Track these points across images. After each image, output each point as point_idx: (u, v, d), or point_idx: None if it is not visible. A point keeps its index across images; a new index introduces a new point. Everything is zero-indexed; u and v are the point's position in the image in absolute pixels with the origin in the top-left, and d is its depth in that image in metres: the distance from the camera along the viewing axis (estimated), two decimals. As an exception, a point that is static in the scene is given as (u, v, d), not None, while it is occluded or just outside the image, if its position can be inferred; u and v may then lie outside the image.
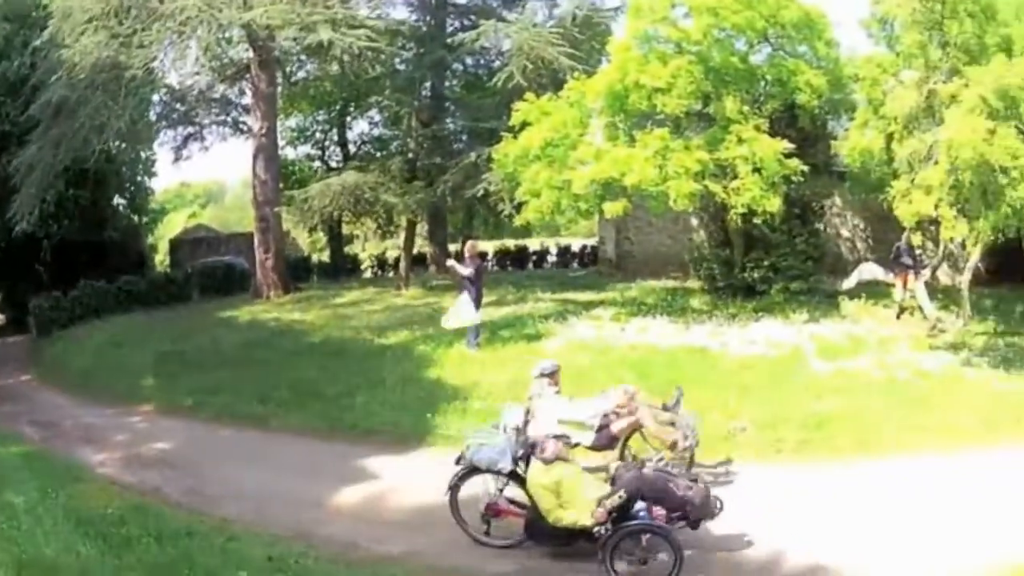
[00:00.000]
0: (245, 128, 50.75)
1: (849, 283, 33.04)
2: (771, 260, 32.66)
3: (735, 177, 28.30)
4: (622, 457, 16.12)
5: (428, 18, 45.23)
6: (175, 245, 66.29)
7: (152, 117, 50.61)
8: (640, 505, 13.25)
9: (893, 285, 31.36)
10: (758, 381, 23.41)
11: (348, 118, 56.04)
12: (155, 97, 49.13)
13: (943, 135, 23.00)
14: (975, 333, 28.85)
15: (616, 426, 16.41)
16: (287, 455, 20.34)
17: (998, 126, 21.93)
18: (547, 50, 37.34)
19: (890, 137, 27.01)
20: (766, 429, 20.10)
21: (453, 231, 54.18)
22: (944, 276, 35.56)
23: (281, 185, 45.90)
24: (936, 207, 23.71)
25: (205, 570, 12.91)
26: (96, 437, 23.52)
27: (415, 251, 50.14)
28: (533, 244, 60.39)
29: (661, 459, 14.71)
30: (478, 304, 27.62)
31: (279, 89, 46.47)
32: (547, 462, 13.87)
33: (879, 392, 22.54)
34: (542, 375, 17.30)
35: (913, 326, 29.61)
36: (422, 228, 51.42)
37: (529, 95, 31.39)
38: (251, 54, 43.19)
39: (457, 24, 44.44)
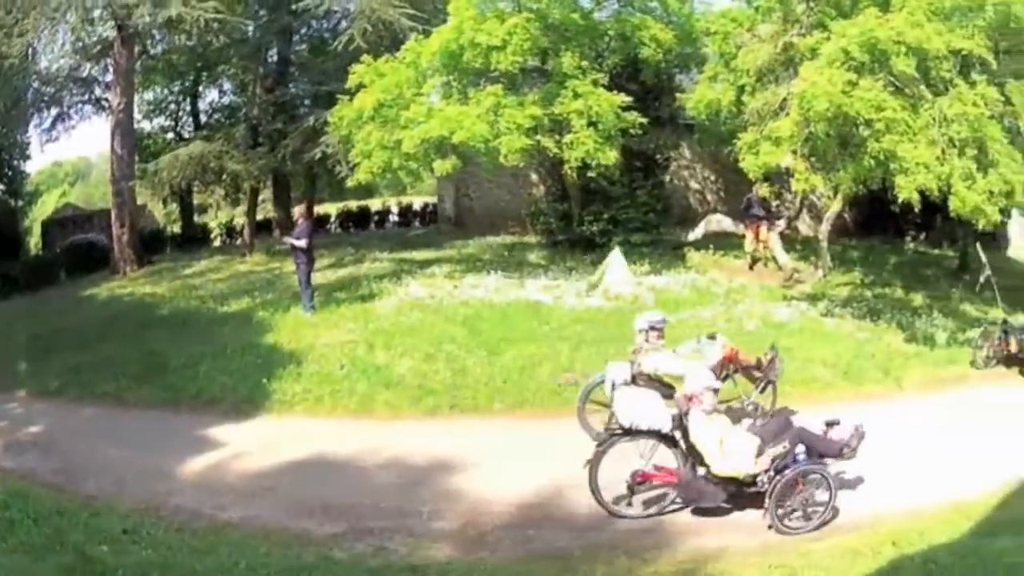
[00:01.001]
0: (106, 105, 49.27)
1: (696, 234, 32.92)
2: (611, 213, 32.31)
3: (570, 131, 27.90)
4: None
5: None
6: (46, 226, 63.78)
7: (29, 100, 49.12)
8: (800, 448, 13.48)
9: (743, 236, 31.04)
10: (593, 334, 22.86)
11: (200, 88, 54.69)
12: (31, 82, 47.62)
13: (797, 87, 22.42)
14: (837, 284, 28.75)
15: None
16: (141, 429, 19.62)
17: (861, 79, 21.26)
18: (388, 11, 36.47)
19: (741, 90, 26.68)
20: None
21: (298, 195, 53.18)
22: (806, 228, 35.78)
23: (137, 159, 44.37)
24: (792, 160, 23.35)
25: (73, 546, 12.95)
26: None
27: (262, 216, 49.64)
28: (375, 204, 59.49)
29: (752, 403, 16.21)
30: (310, 268, 26.76)
31: (138, 64, 45.13)
32: (707, 413, 13.71)
33: None
34: (651, 328, 17.05)
35: (767, 277, 29.37)
36: (268, 194, 50.71)
37: (366, 57, 30.59)
38: (115, 32, 41.87)
39: None
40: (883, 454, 14.93)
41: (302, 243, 26.16)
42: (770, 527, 13.36)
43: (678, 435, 13.98)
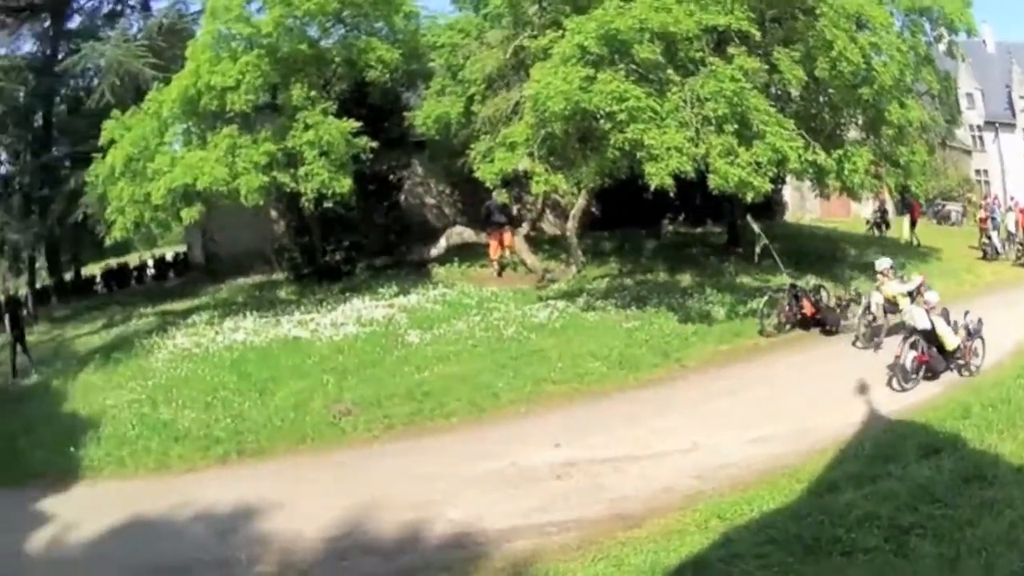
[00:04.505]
0: None
1: (438, 249, 32.05)
2: (351, 239, 31.66)
3: (303, 164, 26.85)
4: None
5: (44, 48, 42.37)
6: None
7: None
8: (973, 326, 19.36)
9: (487, 245, 30.40)
10: (355, 362, 22.15)
11: None
12: None
13: (529, 90, 21.70)
14: (593, 277, 28.39)
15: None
16: None
17: (600, 72, 20.60)
18: (133, 63, 35.74)
19: (470, 100, 26.12)
20: (372, 407, 19.25)
21: (67, 259, 50.75)
22: (552, 227, 35.38)
23: None
24: (529, 163, 22.74)
25: None
26: None
27: (39, 285, 46.51)
28: (133, 260, 57.21)
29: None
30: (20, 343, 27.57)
31: None
32: (937, 314, 19.09)
33: (487, 352, 21.65)
34: (882, 273, 21.90)
35: (519, 281, 28.77)
36: (43, 261, 47.82)
37: (115, 112, 29.10)
38: None
39: (66, 49, 41.80)
40: (686, 433, 15.32)
41: None
42: (971, 374, 18.60)
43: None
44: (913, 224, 38.67)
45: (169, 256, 54.95)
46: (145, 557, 14.15)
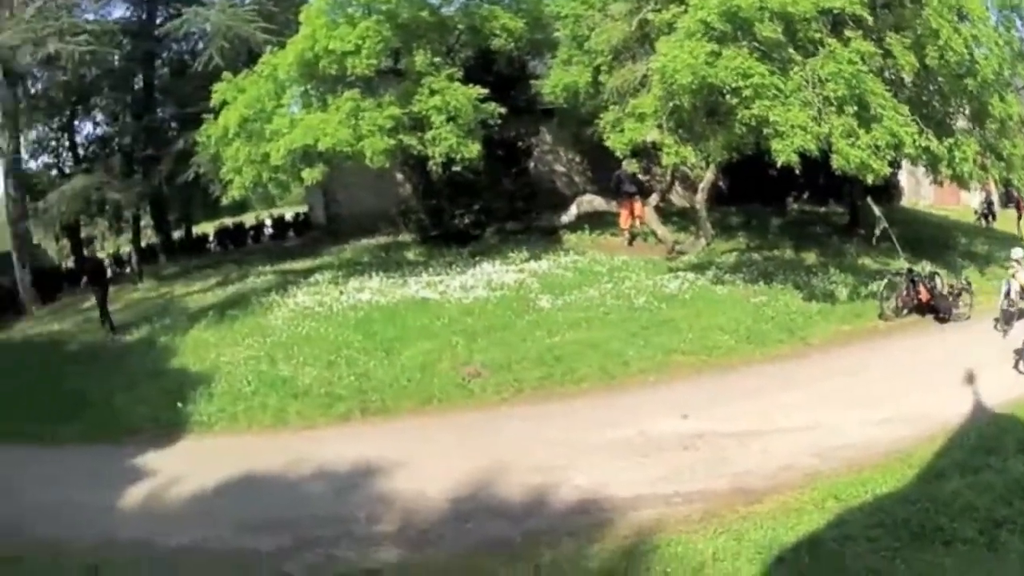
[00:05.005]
0: (0, 151, 47.58)
1: (568, 216, 31.92)
2: (480, 204, 31.89)
3: (430, 128, 27.14)
4: None
5: (140, 13, 42.86)
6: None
7: None
8: None
9: (617, 214, 30.57)
10: (485, 325, 22.37)
11: (76, 122, 52.90)
12: None
13: (656, 62, 21.86)
14: (722, 251, 28.58)
15: None
16: (72, 467, 18.20)
17: (724, 48, 20.78)
18: (243, 27, 35.87)
19: (597, 70, 26.20)
20: (502, 371, 19.48)
21: (176, 217, 51.73)
22: (680, 199, 35.49)
23: (29, 198, 43.07)
24: (658, 134, 23.16)
25: None
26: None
27: (146, 243, 48.21)
28: (249, 220, 57.65)
29: None
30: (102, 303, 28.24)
31: (21, 105, 43.60)
32: None
33: (618, 320, 21.85)
34: (1016, 261, 21.45)
35: (649, 251, 28.97)
36: (148, 220, 49.26)
37: (226, 74, 29.66)
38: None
39: (165, 14, 42.41)
40: (808, 411, 15.52)
41: None
42: None
43: None
44: (1020, 217, 38.71)
45: (289, 216, 55.32)
46: (253, 512, 14.56)
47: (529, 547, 12.38)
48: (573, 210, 31.84)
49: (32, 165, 51.05)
